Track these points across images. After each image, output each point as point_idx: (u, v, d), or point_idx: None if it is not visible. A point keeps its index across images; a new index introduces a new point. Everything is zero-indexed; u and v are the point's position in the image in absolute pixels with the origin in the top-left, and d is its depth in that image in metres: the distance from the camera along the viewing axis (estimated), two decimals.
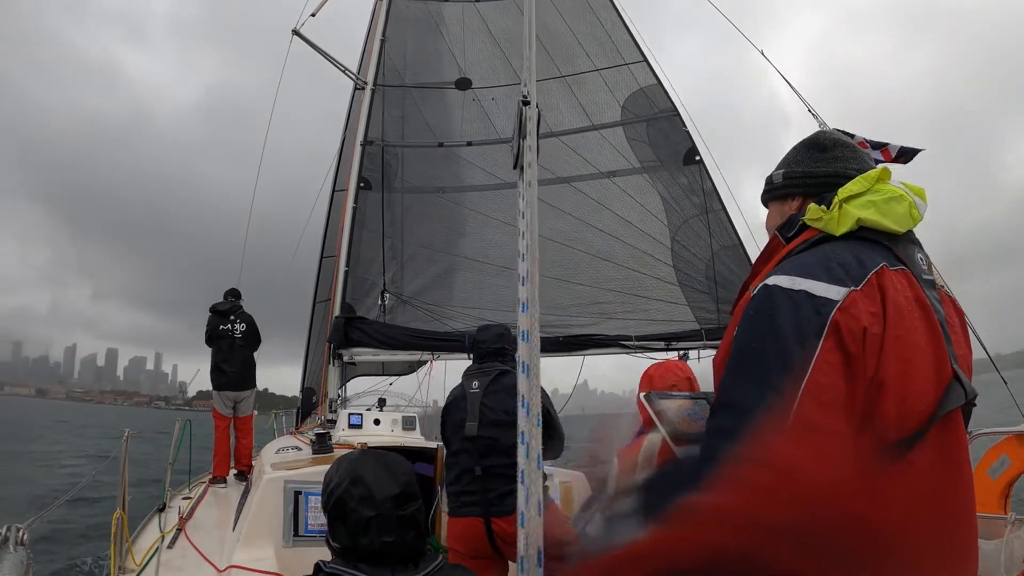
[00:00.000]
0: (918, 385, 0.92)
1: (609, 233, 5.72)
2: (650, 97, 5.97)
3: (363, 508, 1.30)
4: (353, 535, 1.30)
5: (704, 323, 5.32)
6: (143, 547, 3.51)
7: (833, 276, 0.94)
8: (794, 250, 1.08)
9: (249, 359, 6.08)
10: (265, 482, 3.17)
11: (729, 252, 5.49)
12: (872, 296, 0.93)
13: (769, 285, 0.97)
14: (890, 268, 0.99)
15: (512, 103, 6.32)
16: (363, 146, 6.17)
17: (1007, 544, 2.38)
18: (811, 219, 1.08)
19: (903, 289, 0.98)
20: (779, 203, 1.23)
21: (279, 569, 2.79)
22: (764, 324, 0.94)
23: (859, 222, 1.02)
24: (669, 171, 5.78)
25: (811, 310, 0.91)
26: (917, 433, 0.91)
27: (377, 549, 1.28)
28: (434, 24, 6.81)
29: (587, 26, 6.32)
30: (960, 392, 0.96)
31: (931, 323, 0.98)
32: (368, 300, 5.80)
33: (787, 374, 0.87)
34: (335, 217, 7.16)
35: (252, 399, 6.07)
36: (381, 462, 1.39)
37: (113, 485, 3.74)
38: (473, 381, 2.95)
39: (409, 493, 1.34)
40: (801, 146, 1.23)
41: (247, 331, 6.07)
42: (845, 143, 1.19)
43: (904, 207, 1.04)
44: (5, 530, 1.78)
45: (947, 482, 0.94)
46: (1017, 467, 2.90)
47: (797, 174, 1.20)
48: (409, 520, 1.32)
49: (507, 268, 5.75)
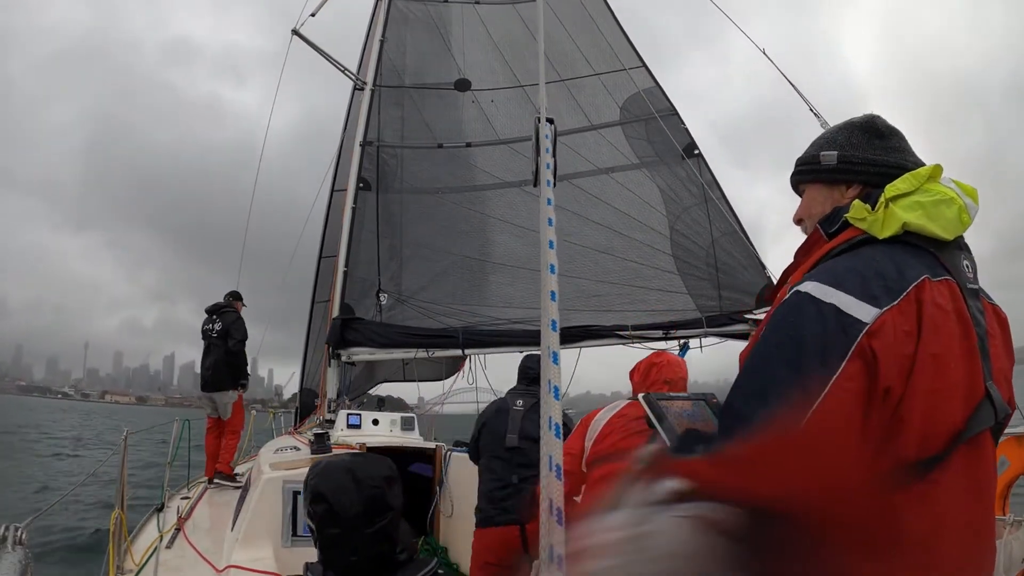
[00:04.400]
0: (946, 405, 0.88)
1: (608, 226, 5.73)
2: (648, 99, 6.01)
3: (327, 527, 1.25)
4: (322, 549, 1.28)
5: (705, 310, 5.30)
6: (142, 547, 3.51)
7: (867, 292, 0.89)
8: (834, 249, 1.02)
9: (224, 360, 5.74)
10: (263, 482, 3.17)
11: (729, 238, 5.47)
12: (908, 312, 0.89)
13: (800, 291, 0.92)
14: (932, 279, 0.93)
15: (511, 105, 6.34)
16: (362, 147, 6.17)
17: (1006, 545, 2.37)
18: (855, 218, 1.01)
19: (944, 303, 0.93)
20: (827, 187, 1.12)
21: (277, 569, 2.79)
22: (787, 332, 0.91)
23: (905, 226, 0.96)
24: (668, 165, 5.80)
25: (838, 327, 0.86)
26: (941, 454, 0.87)
27: (347, 566, 1.25)
28: (434, 25, 6.82)
29: (586, 33, 6.39)
30: (990, 412, 0.92)
31: (969, 339, 0.93)
32: (367, 300, 5.80)
33: (803, 391, 0.83)
34: (335, 217, 7.17)
35: (227, 401, 5.73)
36: (348, 475, 1.29)
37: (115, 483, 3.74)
38: (518, 399, 3.15)
39: (377, 507, 1.26)
40: (855, 128, 1.12)
41: (222, 330, 5.80)
42: (899, 132, 1.11)
43: (954, 211, 0.97)
44: (4, 529, 1.78)
45: (969, 504, 0.91)
46: (1016, 468, 2.90)
47: (856, 159, 1.09)
48: (380, 534, 1.25)
49: (505, 266, 5.76)
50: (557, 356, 0.83)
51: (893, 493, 0.83)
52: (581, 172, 5.90)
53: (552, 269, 0.87)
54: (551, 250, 0.88)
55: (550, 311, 0.87)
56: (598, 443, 2.04)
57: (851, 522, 0.81)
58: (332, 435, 4.28)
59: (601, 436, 2.05)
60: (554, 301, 0.87)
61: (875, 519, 0.82)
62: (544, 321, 0.95)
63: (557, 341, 0.84)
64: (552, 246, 0.88)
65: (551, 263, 0.86)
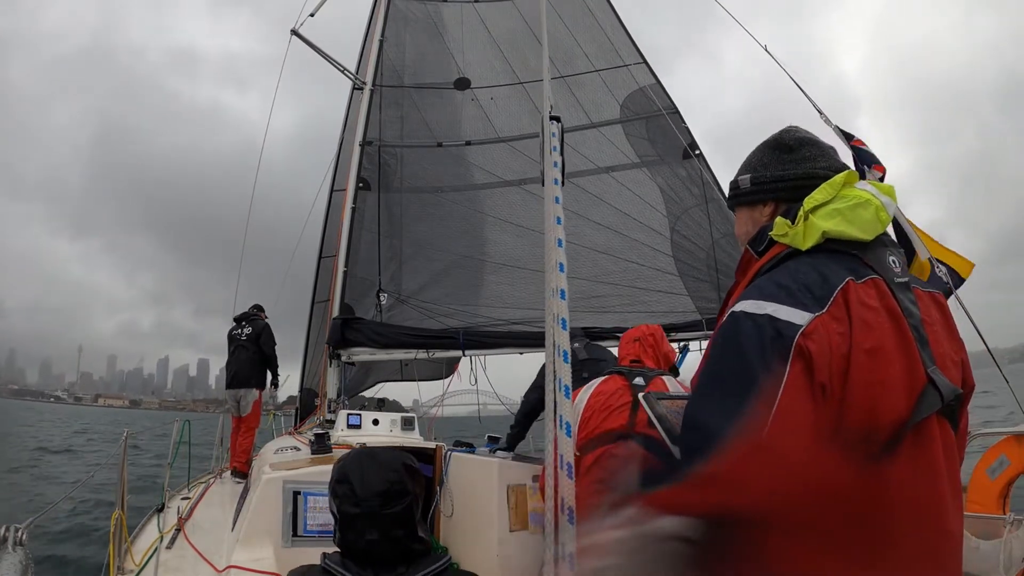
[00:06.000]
0: (888, 396, 0.92)
1: (608, 226, 5.71)
2: (649, 96, 5.99)
3: (347, 506, 1.30)
4: (342, 531, 1.31)
5: (705, 312, 5.29)
6: (142, 547, 3.51)
7: (796, 300, 0.94)
8: (763, 267, 1.08)
9: (251, 360, 6.22)
10: (264, 482, 3.16)
11: (730, 240, 5.44)
12: (839, 316, 0.93)
13: (735, 312, 0.98)
14: (857, 281, 0.98)
15: (511, 102, 6.33)
16: (362, 146, 6.17)
17: (1006, 544, 2.37)
18: (777, 235, 1.07)
19: (871, 301, 0.97)
20: (748, 209, 1.20)
21: (278, 569, 2.78)
22: (730, 349, 0.95)
23: (825, 235, 1.01)
24: (668, 164, 5.78)
25: (774, 333, 0.91)
26: (888, 443, 0.91)
27: (363, 548, 1.28)
28: (433, 24, 6.81)
29: (586, 29, 6.35)
30: (935, 397, 0.95)
31: (902, 330, 0.97)
32: (367, 300, 5.80)
33: (752, 398, 0.87)
34: (334, 217, 7.16)
35: (250, 399, 6.17)
36: (371, 459, 1.37)
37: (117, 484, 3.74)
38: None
39: (397, 491, 1.31)
40: (765, 147, 1.20)
41: (251, 334, 6.29)
42: (811, 141, 1.18)
43: (871, 212, 1.02)
44: (4, 530, 1.78)
45: (924, 488, 0.93)
46: (1016, 467, 2.91)
47: (766, 179, 1.16)
48: (397, 518, 1.30)
49: (505, 265, 5.76)
50: (567, 354, 0.83)
51: (849, 481, 0.86)
52: (581, 171, 5.89)
53: (561, 268, 0.87)
54: (559, 248, 0.88)
55: (558, 309, 0.87)
56: (582, 428, 2.03)
57: (815, 515, 0.84)
58: (332, 435, 4.27)
59: (584, 421, 2.04)
60: (563, 300, 0.87)
61: (833, 510, 0.85)
62: (550, 319, 0.96)
63: (567, 339, 0.84)
64: (560, 244, 0.89)
65: (560, 261, 0.87)
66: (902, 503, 0.91)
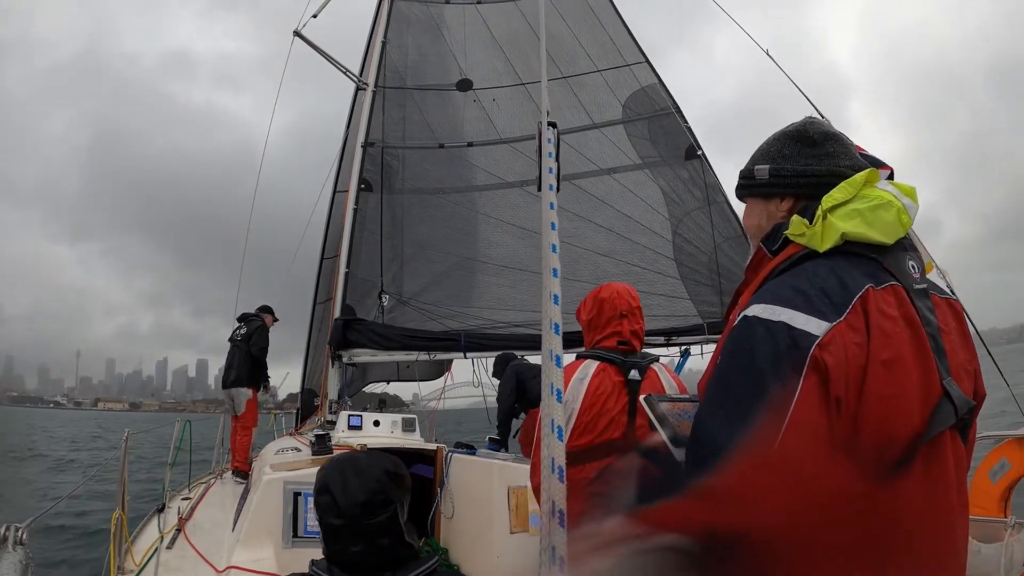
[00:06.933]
0: (903, 409, 0.89)
1: (609, 229, 5.70)
2: (651, 96, 5.98)
3: (330, 517, 1.28)
4: (327, 542, 1.30)
5: (706, 316, 5.27)
6: (142, 548, 3.52)
7: (813, 307, 0.90)
8: (778, 267, 1.03)
9: (243, 359, 6.18)
10: (264, 483, 3.17)
11: (732, 243, 5.43)
12: (856, 326, 0.90)
13: (748, 316, 0.93)
14: (876, 288, 0.94)
15: (513, 103, 6.33)
16: (364, 148, 6.18)
17: (1007, 548, 2.36)
18: (794, 235, 1.01)
19: (890, 310, 0.94)
20: (763, 201, 1.13)
21: (278, 570, 2.79)
22: (743, 357, 0.91)
23: (844, 236, 0.96)
24: (670, 166, 5.76)
25: (790, 343, 0.87)
26: (904, 457, 0.88)
27: (347, 559, 1.27)
28: (435, 26, 6.82)
29: (588, 28, 6.34)
30: (950, 410, 0.93)
31: (920, 341, 0.94)
32: (369, 301, 5.81)
33: (766, 411, 0.84)
34: (336, 218, 7.18)
35: (243, 398, 6.12)
36: (352, 468, 1.33)
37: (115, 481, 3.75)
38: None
39: (379, 501, 1.28)
40: (786, 138, 1.12)
41: (245, 334, 6.26)
42: (836, 136, 1.11)
43: (892, 214, 0.98)
44: (4, 529, 1.78)
45: (936, 504, 0.91)
46: (1017, 470, 2.89)
47: (787, 172, 1.09)
48: (381, 527, 1.27)
49: (507, 268, 5.75)
50: (560, 359, 0.83)
51: (862, 499, 0.84)
52: (583, 172, 5.89)
53: (555, 273, 0.87)
54: (554, 254, 0.88)
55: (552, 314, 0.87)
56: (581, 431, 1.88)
57: (828, 532, 0.82)
58: (333, 436, 4.28)
59: (582, 425, 1.88)
60: (556, 304, 0.87)
61: (844, 528, 0.83)
62: (545, 324, 0.96)
63: (560, 344, 0.84)
64: (555, 250, 0.88)
65: (554, 267, 0.86)
66: (912, 519, 0.88)
